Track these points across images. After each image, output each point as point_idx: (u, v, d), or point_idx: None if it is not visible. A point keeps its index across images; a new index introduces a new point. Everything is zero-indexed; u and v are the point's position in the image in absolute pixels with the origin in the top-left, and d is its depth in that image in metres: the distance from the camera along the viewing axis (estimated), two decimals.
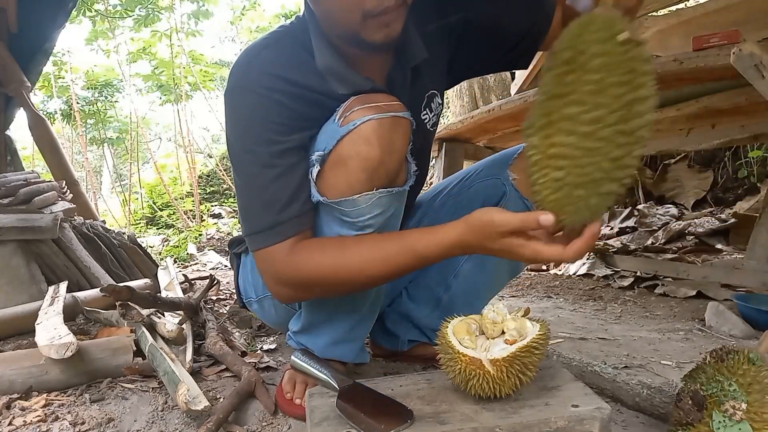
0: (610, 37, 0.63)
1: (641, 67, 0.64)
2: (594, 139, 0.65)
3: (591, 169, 0.66)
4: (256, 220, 0.91)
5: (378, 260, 0.86)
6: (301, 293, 0.96)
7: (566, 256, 0.72)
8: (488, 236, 0.77)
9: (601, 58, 0.63)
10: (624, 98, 0.64)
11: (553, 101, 0.67)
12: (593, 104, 0.64)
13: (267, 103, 0.88)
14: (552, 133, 0.68)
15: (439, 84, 1.13)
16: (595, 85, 0.64)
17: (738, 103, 1.68)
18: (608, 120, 0.64)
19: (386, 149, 0.86)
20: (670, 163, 3.39)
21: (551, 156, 0.68)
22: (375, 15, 0.81)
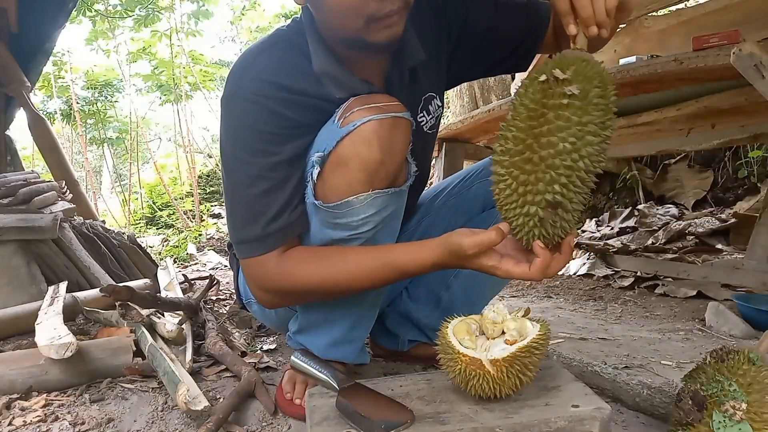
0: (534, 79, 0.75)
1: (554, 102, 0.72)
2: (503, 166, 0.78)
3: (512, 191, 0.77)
4: (244, 230, 0.92)
5: (361, 276, 0.89)
6: (284, 301, 1.00)
7: (532, 275, 0.79)
8: (462, 258, 0.82)
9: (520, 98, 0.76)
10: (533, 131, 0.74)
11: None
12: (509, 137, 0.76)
13: (262, 112, 0.88)
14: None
15: (437, 86, 1.13)
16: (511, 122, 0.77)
17: (738, 103, 1.68)
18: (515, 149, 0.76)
19: (386, 150, 0.86)
20: (670, 163, 3.39)
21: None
22: (378, 18, 0.82)
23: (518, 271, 0.80)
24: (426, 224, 1.28)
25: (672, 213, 3.09)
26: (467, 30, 1.09)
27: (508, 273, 0.81)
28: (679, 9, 2.65)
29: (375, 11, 0.81)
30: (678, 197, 3.29)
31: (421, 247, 0.87)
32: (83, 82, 6.52)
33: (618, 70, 1.69)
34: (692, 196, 3.22)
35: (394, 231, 0.99)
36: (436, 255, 0.85)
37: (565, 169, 0.72)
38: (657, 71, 1.58)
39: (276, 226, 0.90)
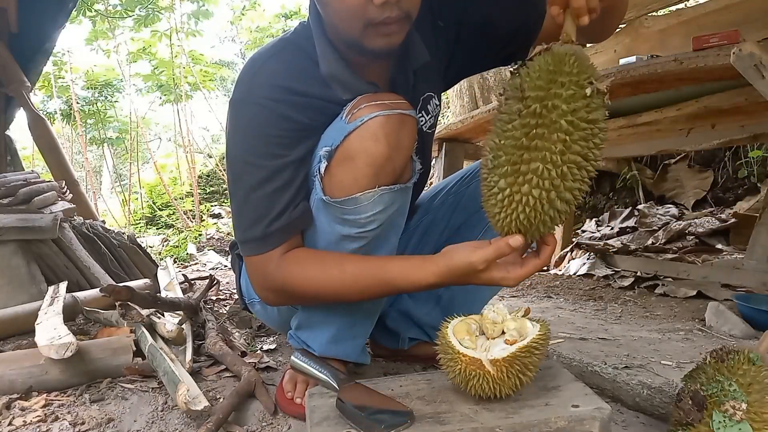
0: (577, 93, 0.69)
1: (599, 117, 0.71)
2: (557, 192, 0.73)
3: (551, 213, 0.75)
4: (248, 229, 0.94)
5: (356, 288, 0.91)
6: (285, 300, 1.01)
7: (544, 262, 0.83)
8: (470, 276, 0.84)
9: (569, 115, 0.69)
10: (584, 152, 0.71)
11: (521, 151, 0.73)
12: (560, 162, 0.71)
13: (271, 117, 0.90)
14: (518, 183, 0.74)
15: (436, 86, 1.14)
16: (562, 145, 0.70)
17: (738, 103, 1.68)
18: (572, 174, 0.72)
19: (394, 145, 0.87)
20: (670, 163, 3.39)
21: (516, 201, 0.75)
22: (376, 24, 0.82)
23: (528, 269, 0.82)
24: (426, 223, 1.28)
25: (672, 213, 3.09)
26: (464, 25, 1.09)
27: (519, 278, 0.82)
28: (679, 9, 2.65)
29: (373, 17, 0.81)
30: (678, 197, 3.29)
31: (419, 267, 0.87)
32: (83, 82, 6.52)
33: (618, 70, 1.69)
34: (692, 196, 3.22)
35: (399, 228, 1.00)
36: (435, 276, 0.85)
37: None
38: (657, 71, 1.58)
39: (278, 225, 0.92)
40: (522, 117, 0.72)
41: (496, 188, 0.77)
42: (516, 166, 0.74)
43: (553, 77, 0.70)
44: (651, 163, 3.49)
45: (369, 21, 0.82)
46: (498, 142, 0.76)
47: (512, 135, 0.73)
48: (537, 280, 2.63)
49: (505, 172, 0.75)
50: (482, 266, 0.81)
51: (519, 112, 0.72)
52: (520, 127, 0.72)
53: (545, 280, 2.64)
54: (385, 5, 0.80)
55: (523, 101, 0.72)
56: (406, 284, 0.88)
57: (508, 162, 0.74)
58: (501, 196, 0.76)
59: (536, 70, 0.72)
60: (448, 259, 0.84)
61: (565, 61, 0.70)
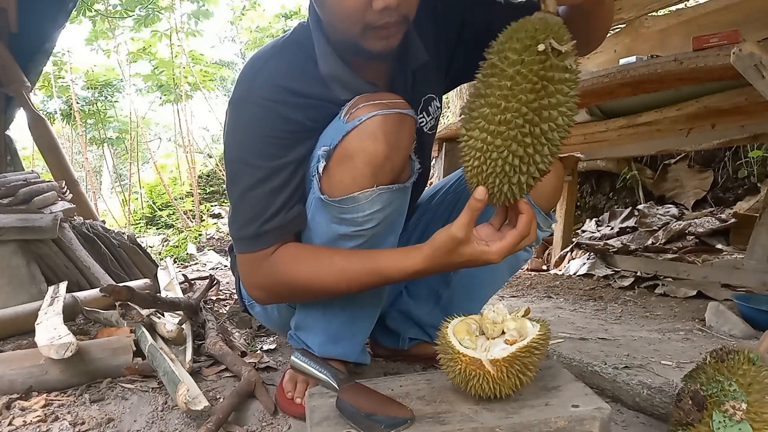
0: (528, 47, 0.71)
1: (557, 76, 0.71)
2: (502, 138, 0.74)
3: (500, 163, 0.75)
4: (243, 227, 0.94)
5: (346, 279, 0.91)
6: (274, 297, 1.02)
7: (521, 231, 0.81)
8: (454, 252, 0.83)
9: (516, 66, 0.71)
10: (533, 104, 0.72)
11: (477, 99, 0.77)
12: (504, 107, 0.73)
13: (270, 117, 0.90)
14: (471, 128, 0.77)
15: (437, 88, 1.14)
16: (507, 91, 0.72)
17: (738, 103, 1.68)
18: (515, 122, 0.72)
19: (392, 144, 0.87)
20: (670, 163, 3.39)
21: (470, 147, 0.78)
22: (375, 27, 0.83)
23: (508, 240, 0.81)
24: (425, 223, 1.28)
25: (672, 213, 3.09)
26: (465, 29, 1.10)
27: (500, 250, 0.81)
28: (679, 9, 2.65)
29: (372, 21, 0.82)
30: (678, 197, 3.29)
31: (405, 255, 0.87)
32: (83, 82, 6.51)
33: (618, 70, 1.69)
34: (692, 196, 3.22)
35: (397, 228, 1.00)
36: (420, 260, 0.85)
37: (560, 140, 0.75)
38: (657, 71, 1.58)
39: (272, 225, 0.92)
40: (482, 70, 0.76)
41: (462, 140, 0.80)
42: (473, 112, 0.77)
43: (512, 34, 0.73)
44: (651, 163, 3.49)
45: (368, 24, 0.82)
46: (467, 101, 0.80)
47: (474, 86, 0.78)
48: (537, 280, 2.64)
49: (465, 119, 0.78)
50: (461, 234, 0.80)
51: (482, 66, 0.76)
52: (479, 79, 0.76)
53: (545, 280, 2.64)
54: (384, 11, 0.80)
55: (486, 55, 0.76)
56: (395, 272, 0.87)
57: (467, 110, 0.78)
58: (462, 144, 0.79)
59: (504, 31, 0.75)
60: (432, 240, 0.85)
61: (529, 21, 0.73)
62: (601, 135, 2.32)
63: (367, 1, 0.79)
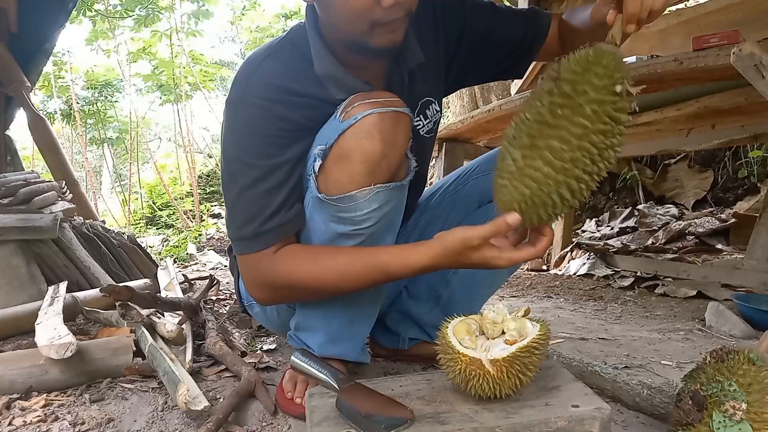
0: (607, 86, 0.70)
1: (622, 119, 0.72)
2: (566, 175, 0.74)
3: (555, 196, 0.76)
4: (241, 228, 0.94)
5: (349, 277, 0.90)
6: (276, 298, 1.01)
7: (538, 252, 0.83)
8: (463, 254, 0.83)
9: (595, 105, 0.70)
10: (600, 146, 0.72)
11: (542, 127, 0.74)
12: (576, 146, 0.72)
13: (267, 116, 0.90)
14: (533, 156, 0.75)
15: (436, 91, 1.14)
16: (582, 129, 0.71)
17: (738, 103, 1.68)
18: (582, 162, 0.73)
19: (388, 143, 0.87)
20: (670, 163, 3.39)
21: (526, 174, 0.76)
22: (382, 24, 0.83)
23: (523, 253, 0.82)
24: (424, 222, 1.28)
25: (672, 213, 3.09)
26: (465, 35, 1.11)
27: (511, 259, 0.83)
28: (679, 9, 2.65)
29: (380, 18, 0.82)
30: (678, 197, 3.29)
31: (410, 251, 0.87)
32: (83, 82, 6.52)
33: None
34: (692, 196, 3.22)
35: (395, 226, 1.00)
36: (428, 257, 0.85)
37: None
38: (657, 71, 1.58)
39: (271, 224, 0.92)
40: (551, 95, 0.73)
41: (510, 159, 0.78)
42: (534, 139, 0.75)
43: (590, 66, 0.72)
44: (651, 163, 3.49)
45: (376, 22, 0.83)
46: (523, 117, 0.77)
47: (538, 111, 0.75)
48: (537, 280, 2.64)
49: (523, 143, 0.76)
50: (477, 242, 0.81)
51: (550, 91, 0.74)
52: (547, 105, 0.74)
53: (545, 280, 2.64)
54: (393, 7, 0.80)
55: (556, 81, 0.73)
56: (399, 268, 0.87)
57: (528, 135, 0.75)
58: (513, 167, 0.77)
59: (576, 58, 0.73)
60: (442, 239, 0.85)
61: (605, 55, 0.72)
62: None
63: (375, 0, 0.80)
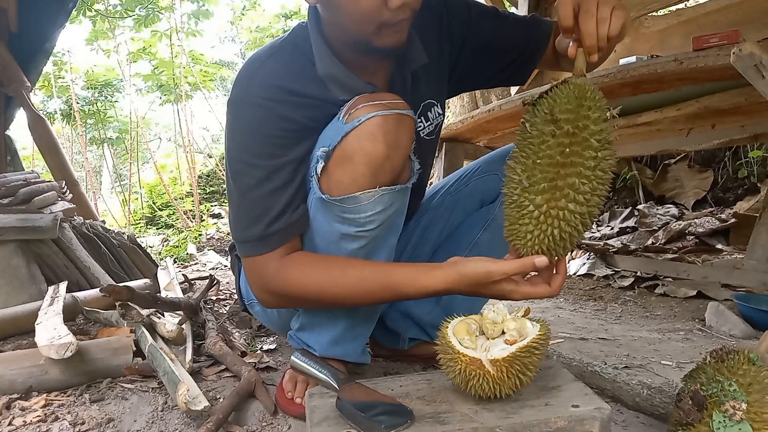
0: (601, 116, 0.76)
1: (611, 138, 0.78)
2: (588, 205, 0.78)
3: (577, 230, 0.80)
4: (246, 230, 0.93)
5: (359, 293, 0.91)
6: (283, 303, 1.01)
7: (553, 292, 0.84)
8: (482, 285, 0.84)
9: (597, 135, 0.76)
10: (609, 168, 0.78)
11: (557, 168, 0.77)
12: (593, 177, 0.76)
13: (269, 117, 0.90)
14: (556, 198, 0.78)
15: (438, 94, 1.15)
16: (594, 161, 0.76)
17: (738, 103, 1.68)
18: (599, 190, 0.78)
19: (391, 145, 0.87)
20: (670, 163, 3.39)
21: (552, 216, 0.78)
22: (390, 25, 0.84)
23: (539, 291, 0.84)
24: (425, 222, 1.28)
25: (672, 213, 3.09)
26: (469, 41, 1.12)
27: (527, 295, 0.84)
28: (679, 9, 2.65)
29: (388, 19, 0.82)
30: (678, 197, 3.29)
31: (424, 274, 0.87)
32: (83, 82, 6.51)
33: (618, 70, 1.69)
34: (692, 196, 3.22)
35: (398, 228, 1.00)
36: (443, 282, 0.86)
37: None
38: (657, 71, 1.58)
39: (278, 226, 0.92)
40: (556, 137, 0.76)
41: (531, 206, 0.79)
42: (553, 182, 0.77)
43: (580, 102, 0.76)
44: (651, 163, 3.49)
45: (384, 23, 0.83)
46: (531, 163, 0.79)
47: (547, 154, 0.77)
48: None
49: (543, 189, 0.78)
50: (499, 278, 0.82)
51: (552, 134, 0.76)
52: (555, 146, 0.76)
53: None
54: (401, 8, 0.81)
55: (555, 123, 0.76)
56: (412, 290, 0.88)
57: (545, 179, 0.77)
58: (537, 212, 0.79)
59: (563, 96, 0.77)
60: (461, 266, 0.85)
61: (587, 89, 0.77)
62: None
63: (383, 0, 0.80)
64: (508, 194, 0.83)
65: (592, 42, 0.81)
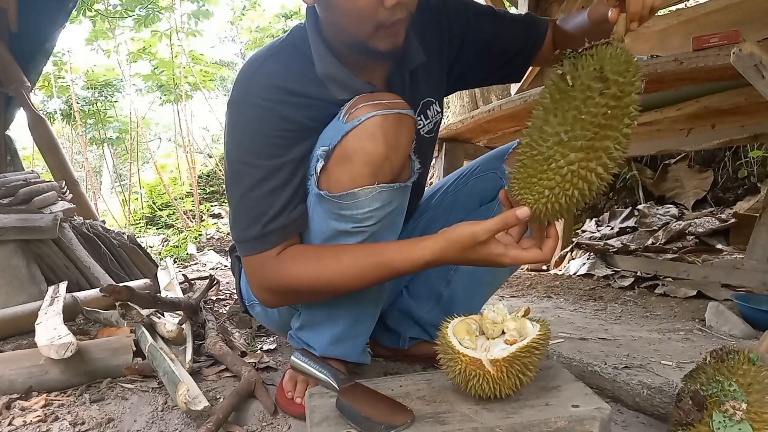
0: (639, 86, 0.75)
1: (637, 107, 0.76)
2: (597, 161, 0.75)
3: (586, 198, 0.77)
4: (245, 230, 0.94)
5: (354, 275, 0.90)
6: (282, 299, 1.00)
7: (545, 257, 0.82)
8: (470, 249, 0.82)
9: (634, 104, 0.74)
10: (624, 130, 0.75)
11: (597, 129, 0.74)
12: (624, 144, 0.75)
13: (268, 117, 0.90)
14: (589, 158, 0.75)
15: (437, 92, 1.15)
16: (627, 128, 0.75)
17: (738, 103, 1.68)
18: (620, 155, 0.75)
19: (391, 145, 0.87)
20: (670, 163, 3.39)
21: (581, 177, 0.75)
22: (386, 26, 0.84)
23: (530, 255, 0.82)
24: (425, 222, 1.28)
25: (672, 213, 3.09)
26: (468, 40, 1.12)
27: (517, 259, 0.82)
28: (679, 9, 2.65)
29: (384, 19, 0.83)
30: (678, 197, 3.29)
31: (414, 246, 0.87)
32: (83, 82, 6.52)
33: None
34: (692, 196, 3.22)
35: (397, 227, 1.00)
36: (432, 251, 0.85)
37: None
38: (657, 71, 1.58)
39: (276, 225, 0.92)
40: (603, 96, 0.73)
41: (562, 161, 0.75)
42: (591, 141, 0.74)
43: (628, 67, 0.73)
44: (651, 163, 3.49)
45: (380, 23, 0.83)
46: (572, 117, 0.75)
47: (591, 112, 0.73)
48: (537, 280, 2.63)
49: (580, 146, 0.74)
50: (484, 237, 0.81)
51: (600, 92, 0.73)
52: (601, 105, 0.73)
53: (545, 280, 2.64)
54: (395, 8, 0.81)
55: (604, 81, 0.73)
56: (403, 263, 0.87)
57: (583, 137, 0.74)
58: (566, 170, 0.75)
59: (614, 57, 0.74)
60: (448, 233, 0.84)
61: (630, 55, 0.75)
62: None
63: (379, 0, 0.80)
64: (535, 145, 0.78)
65: (638, 8, 0.80)
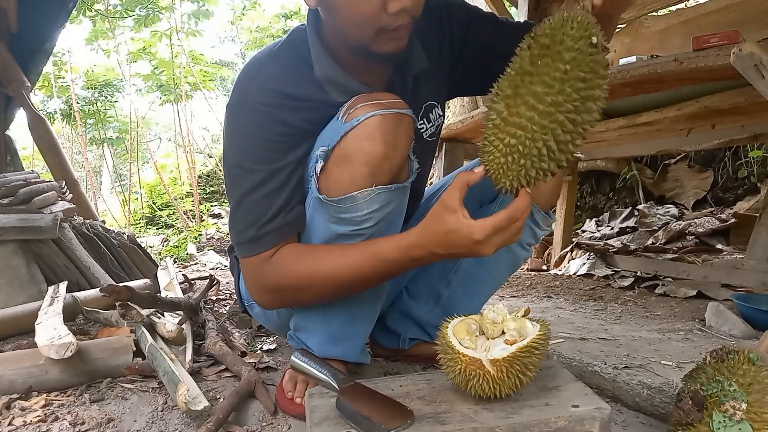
0: (583, 37, 0.72)
1: (601, 71, 0.73)
2: (550, 120, 0.73)
3: (540, 144, 0.74)
4: (242, 232, 0.94)
5: (346, 270, 0.89)
6: (278, 300, 1.00)
7: (510, 214, 0.78)
8: (439, 218, 0.81)
9: (573, 52, 0.71)
10: (582, 93, 0.72)
11: (524, 77, 0.74)
12: (557, 90, 0.72)
13: (267, 121, 0.90)
14: (516, 104, 0.74)
15: (439, 96, 1.15)
16: (562, 74, 0.72)
17: (738, 103, 1.68)
18: (565, 107, 0.72)
19: (390, 144, 0.87)
20: (670, 163, 3.39)
21: (510, 123, 0.75)
22: (388, 31, 0.84)
23: (494, 219, 0.78)
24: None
25: (672, 213, 3.09)
26: (468, 45, 1.12)
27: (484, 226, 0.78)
28: (679, 9, 2.66)
29: (386, 24, 0.82)
30: (678, 197, 3.29)
31: (401, 234, 0.88)
32: (83, 82, 6.52)
33: (618, 70, 1.69)
34: (692, 196, 3.22)
35: (396, 228, 1.00)
36: (415, 233, 0.84)
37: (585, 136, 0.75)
38: (657, 71, 1.58)
39: (271, 227, 0.92)
40: (531, 49, 0.74)
41: (494, 114, 0.77)
42: (517, 89, 0.74)
43: (564, 23, 0.73)
44: (651, 163, 3.49)
45: (381, 28, 0.83)
46: (505, 74, 0.76)
47: (519, 64, 0.75)
48: (537, 280, 2.64)
49: (506, 95, 0.75)
50: (447, 197, 0.80)
51: (529, 46, 0.74)
52: (527, 57, 0.74)
53: (545, 280, 2.64)
54: (399, 13, 0.81)
55: (534, 38, 0.74)
56: (391, 250, 0.86)
57: (510, 86, 0.75)
58: (498, 119, 0.76)
59: (551, 18, 0.74)
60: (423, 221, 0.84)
61: (577, 15, 0.74)
62: (601, 135, 2.32)
63: (382, 6, 0.80)
64: (486, 119, 0.80)
65: None
